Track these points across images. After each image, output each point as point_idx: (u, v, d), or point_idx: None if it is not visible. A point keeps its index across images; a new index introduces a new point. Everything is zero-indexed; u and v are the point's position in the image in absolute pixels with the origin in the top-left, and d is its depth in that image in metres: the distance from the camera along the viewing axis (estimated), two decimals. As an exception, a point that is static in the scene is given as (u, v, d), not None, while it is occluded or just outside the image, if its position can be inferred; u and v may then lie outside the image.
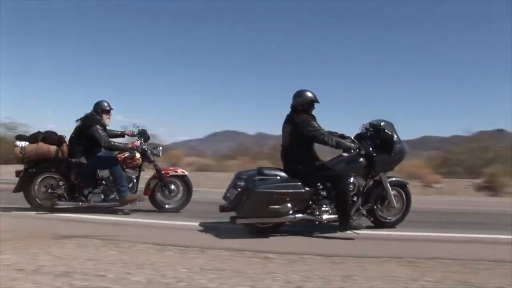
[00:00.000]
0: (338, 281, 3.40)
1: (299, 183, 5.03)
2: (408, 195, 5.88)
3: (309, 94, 5.37)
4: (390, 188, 5.62)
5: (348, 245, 4.96)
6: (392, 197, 5.62)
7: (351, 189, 5.35)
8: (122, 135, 7.15)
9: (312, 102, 5.37)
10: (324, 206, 5.25)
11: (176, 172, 6.86)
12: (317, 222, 5.22)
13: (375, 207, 5.64)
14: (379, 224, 5.70)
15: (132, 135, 7.05)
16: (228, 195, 5.53)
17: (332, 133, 5.40)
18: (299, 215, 5.10)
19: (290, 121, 5.37)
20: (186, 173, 6.96)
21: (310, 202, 5.20)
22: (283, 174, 5.25)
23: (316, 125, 5.16)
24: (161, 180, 6.70)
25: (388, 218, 5.77)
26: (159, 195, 6.78)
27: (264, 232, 5.15)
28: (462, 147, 19.31)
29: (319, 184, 5.25)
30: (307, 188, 5.06)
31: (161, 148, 7.07)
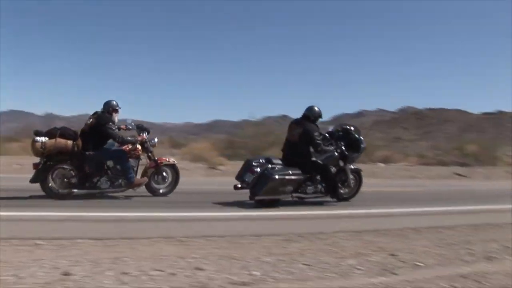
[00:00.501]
0: (107, 263, 3.51)
1: (300, 171, 7.07)
2: (361, 179, 8.24)
3: (318, 110, 7.57)
4: (350, 174, 7.84)
5: (119, 228, 5.16)
6: (351, 180, 7.87)
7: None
8: (118, 129, 7.67)
9: (319, 116, 7.60)
10: (313, 187, 7.39)
11: (168, 161, 7.91)
12: (305, 198, 7.38)
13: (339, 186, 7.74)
14: (339, 199, 7.75)
15: (127, 129, 7.97)
16: (244, 178, 7.02)
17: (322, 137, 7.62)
18: (295, 194, 7.19)
19: (301, 125, 7.39)
20: (176, 162, 8.03)
21: (303, 184, 7.24)
22: (279, 162, 7.25)
23: (318, 136, 7.32)
24: (156, 168, 7.64)
25: (345, 195, 7.95)
26: (152, 182, 7.68)
27: (269, 206, 6.89)
28: (246, 131, 20.72)
29: (312, 172, 7.29)
30: (304, 175, 7.13)
31: (156, 139, 7.97)
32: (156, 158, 7.66)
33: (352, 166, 8.00)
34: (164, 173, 7.76)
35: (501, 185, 13.58)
